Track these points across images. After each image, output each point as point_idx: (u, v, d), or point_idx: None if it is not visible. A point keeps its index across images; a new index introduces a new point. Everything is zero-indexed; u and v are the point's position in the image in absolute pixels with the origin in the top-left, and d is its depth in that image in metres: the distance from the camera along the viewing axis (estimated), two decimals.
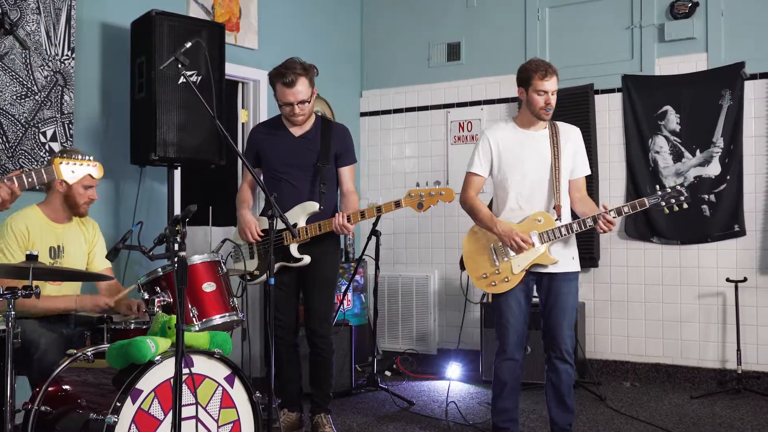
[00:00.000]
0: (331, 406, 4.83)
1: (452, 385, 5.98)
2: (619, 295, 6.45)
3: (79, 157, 3.30)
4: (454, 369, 6.35)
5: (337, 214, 4.43)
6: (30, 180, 3.19)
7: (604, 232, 4.11)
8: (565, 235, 4.14)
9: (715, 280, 6.07)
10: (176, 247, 2.74)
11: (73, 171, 3.27)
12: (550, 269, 4.20)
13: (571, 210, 4.34)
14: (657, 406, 5.46)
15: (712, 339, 6.11)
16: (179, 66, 3.55)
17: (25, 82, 4.88)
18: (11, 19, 3.49)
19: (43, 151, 4.91)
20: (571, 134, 4.34)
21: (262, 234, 4.57)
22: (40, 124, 4.95)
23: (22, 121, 4.86)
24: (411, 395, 5.81)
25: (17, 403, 3.41)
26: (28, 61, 4.89)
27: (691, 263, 6.19)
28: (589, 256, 6.39)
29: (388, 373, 6.67)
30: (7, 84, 4.80)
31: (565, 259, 4.23)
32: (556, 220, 4.16)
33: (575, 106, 6.45)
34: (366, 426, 5.01)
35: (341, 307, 6.15)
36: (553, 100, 4.22)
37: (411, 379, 6.49)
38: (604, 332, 6.49)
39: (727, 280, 5.90)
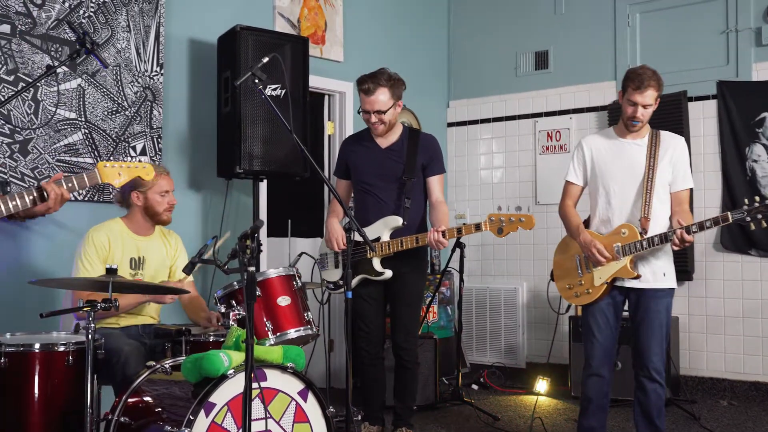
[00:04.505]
0: (413, 420, 4.79)
1: (540, 400, 5.85)
2: (715, 309, 6.20)
3: (127, 159, 3.36)
4: (542, 384, 6.21)
5: (431, 230, 4.40)
6: (71, 185, 3.23)
7: (678, 248, 3.96)
8: (645, 248, 3.99)
9: None
10: (245, 262, 2.75)
11: (120, 174, 3.33)
12: (638, 284, 4.07)
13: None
14: (755, 427, 5.22)
15: None
16: (255, 81, 3.58)
17: (116, 98, 5.02)
18: (92, 39, 3.59)
19: None
20: (671, 144, 4.16)
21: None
22: (130, 139, 5.08)
23: (113, 136, 5.00)
24: (497, 410, 5.72)
25: (101, 413, 3.51)
26: (118, 77, 5.04)
27: None
28: (683, 270, 6.16)
29: (475, 386, 6.59)
30: (99, 100, 4.95)
31: (654, 274, 4.08)
32: (641, 233, 4.02)
33: (668, 114, 6.24)
34: None
35: (425, 319, 6.11)
36: (642, 113, 4.05)
37: (498, 393, 6.39)
38: (699, 348, 6.25)
39: None
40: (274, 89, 5.11)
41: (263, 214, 5.73)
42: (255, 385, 2.83)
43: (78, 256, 4.00)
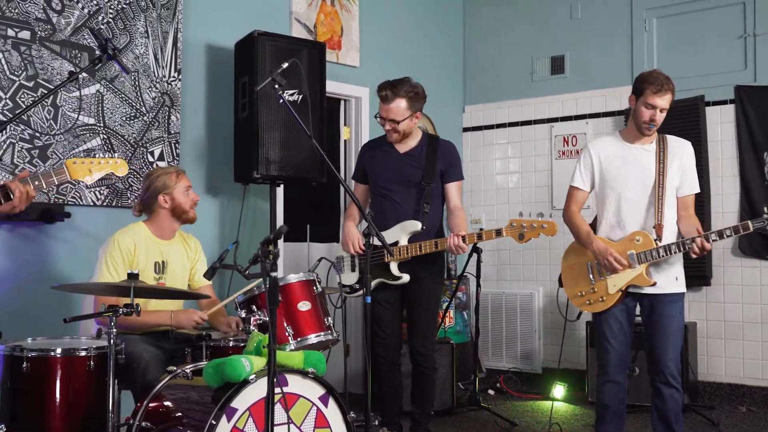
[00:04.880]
0: (431, 426, 4.78)
1: (557, 405, 5.84)
2: (733, 315, 6.16)
3: (97, 155, 3.32)
4: (558, 389, 6.19)
5: (452, 235, 4.40)
6: (37, 183, 3.15)
7: (696, 255, 3.93)
8: (663, 256, 3.97)
9: None
10: (267, 267, 2.75)
11: (91, 170, 3.29)
12: (651, 290, 4.05)
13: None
14: None
15: None
16: (276, 86, 3.59)
17: (134, 104, 5.04)
18: (114, 45, 3.59)
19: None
20: (680, 149, 4.14)
21: (364, 248, 4.59)
22: (148, 144, 5.10)
23: (132, 141, 5.02)
24: (514, 415, 5.70)
25: (121, 417, 3.52)
26: (137, 83, 5.06)
27: None
28: (701, 275, 6.14)
29: (491, 391, 6.57)
30: (118, 106, 4.97)
31: (667, 280, 4.06)
32: (656, 240, 4.00)
33: (685, 119, 6.22)
34: None
35: (442, 324, 6.10)
36: (660, 117, 4.04)
37: (515, 399, 6.37)
38: (717, 354, 6.21)
39: None
40: (292, 94, 5.12)
41: (280, 219, 5.74)
42: (276, 390, 2.82)
43: (102, 260, 4.00)
